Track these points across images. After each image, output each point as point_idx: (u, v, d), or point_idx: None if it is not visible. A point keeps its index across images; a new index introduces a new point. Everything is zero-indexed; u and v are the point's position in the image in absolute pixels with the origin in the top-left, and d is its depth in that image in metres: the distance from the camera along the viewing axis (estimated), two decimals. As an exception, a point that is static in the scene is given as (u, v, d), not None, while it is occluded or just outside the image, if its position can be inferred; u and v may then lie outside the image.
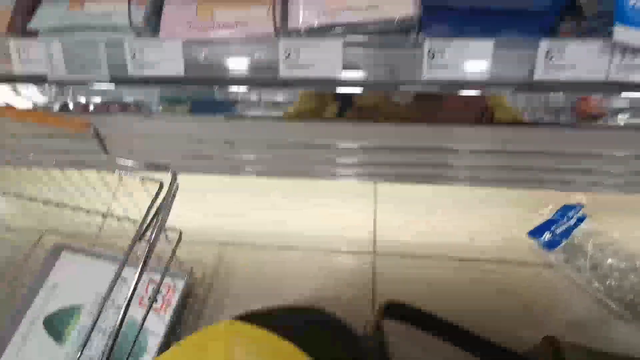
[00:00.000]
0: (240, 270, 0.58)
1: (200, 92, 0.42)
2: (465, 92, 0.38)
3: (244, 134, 0.49)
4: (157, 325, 0.50)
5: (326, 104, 0.44)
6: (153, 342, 0.49)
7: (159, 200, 0.37)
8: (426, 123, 0.44)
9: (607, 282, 0.51)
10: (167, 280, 0.52)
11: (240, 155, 0.54)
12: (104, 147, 0.34)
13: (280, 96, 0.44)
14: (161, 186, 0.35)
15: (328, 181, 0.62)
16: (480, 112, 0.41)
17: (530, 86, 0.37)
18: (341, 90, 0.40)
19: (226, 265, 0.58)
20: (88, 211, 0.46)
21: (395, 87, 0.38)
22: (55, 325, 0.50)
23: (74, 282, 0.53)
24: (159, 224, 0.37)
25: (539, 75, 0.35)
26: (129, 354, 0.46)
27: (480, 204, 0.60)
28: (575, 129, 0.42)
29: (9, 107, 0.38)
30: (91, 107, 0.41)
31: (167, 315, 0.51)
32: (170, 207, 0.38)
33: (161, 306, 0.52)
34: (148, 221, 0.36)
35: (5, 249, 0.54)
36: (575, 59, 0.34)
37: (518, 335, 0.46)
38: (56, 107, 0.41)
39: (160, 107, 0.43)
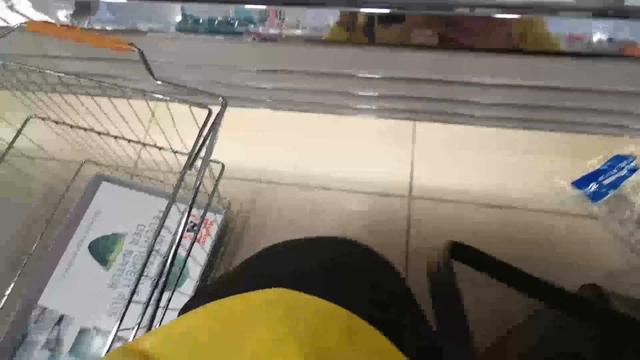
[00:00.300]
0: (274, 208, 0.58)
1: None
2: (509, 16, 0.35)
3: (280, 61, 0.47)
4: (198, 255, 0.51)
5: (358, 30, 0.40)
6: (194, 270, 0.50)
7: (207, 128, 0.36)
8: (468, 51, 0.40)
9: (652, 236, 0.50)
10: (207, 213, 0.53)
11: (278, 88, 0.52)
12: (149, 70, 0.32)
13: (312, 18, 0.41)
14: (210, 113, 0.34)
15: (367, 121, 0.60)
16: (519, 40, 0.37)
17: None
18: (374, 11, 0.36)
19: (261, 202, 0.58)
20: (129, 140, 0.46)
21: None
22: (100, 251, 0.52)
23: (114, 211, 0.54)
24: (206, 152, 0.36)
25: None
26: (178, 278, 0.48)
27: (524, 150, 0.57)
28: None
29: (48, 24, 0.36)
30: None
31: (207, 246, 0.52)
32: (217, 136, 0.37)
33: (200, 237, 0.53)
34: (197, 149, 0.35)
35: (48, 177, 0.54)
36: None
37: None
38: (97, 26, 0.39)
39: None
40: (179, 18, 0.44)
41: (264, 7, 0.40)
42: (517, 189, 0.56)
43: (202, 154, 0.37)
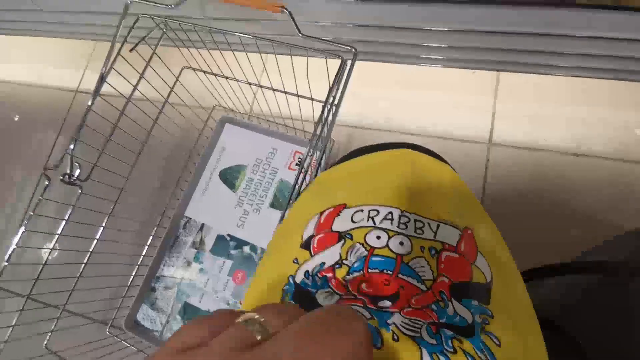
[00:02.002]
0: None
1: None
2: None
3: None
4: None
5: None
6: (301, 196, 0.62)
7: (344, 77, 0.44)
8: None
9: None
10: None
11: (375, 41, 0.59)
12: (297, 26, 0.42)
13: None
14: (343, 63, 0.42)
15: (449, 70, 0.65)
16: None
17: None
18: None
19: (356, 145, 0.68)
20: (260, 86, 0.57)
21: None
22: (228, 178, 0.66)
23: (238, 147, 0.67)
24: (339, 100, 0.45)
25: None
26: (286, 206, 0.60)
27: (609, 101, 0.59)
28: None
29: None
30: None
31: (309, 179, 0.64)
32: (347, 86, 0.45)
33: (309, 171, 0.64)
34: (332, 98, 0.43)
35: (189, 119, 0.68)
36: None
37: (626, 227, 0.51)
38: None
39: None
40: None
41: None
42: (598, 138, 0.59)
43: (332, 100, 0.46)
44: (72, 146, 0.47)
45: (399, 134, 0.66)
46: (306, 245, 0.24)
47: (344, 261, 0.22)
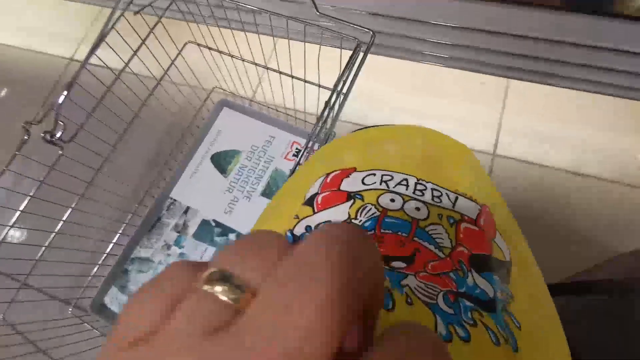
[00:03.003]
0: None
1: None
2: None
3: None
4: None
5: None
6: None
7: (357, 62, 0.42)
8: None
9: None
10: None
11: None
12: (314, 4, 0.40)
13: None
14: (358, 47, 0.41)
15: (461, 74, 0.64)
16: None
17: None
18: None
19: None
20: (267, 68, 0.55)
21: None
22: (220, 162, 0.63)
23: (234, 132, 0.65)
24: (349, 87, 0.43)
25: None
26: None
27: (613, 123, 0.59)
28: None
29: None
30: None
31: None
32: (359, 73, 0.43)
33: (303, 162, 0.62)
34: (342, 83, 0.42)
35: (188, 99, 0.66)
36: None
37: (621, 249, 0.50)
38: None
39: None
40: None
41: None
42: (599, 159, 0.58)
43: (341, 86, 0.44)
44: (60, 101, 0.43)
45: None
46: (309, 202, 0.21)
47: (352, 220, 0.19)
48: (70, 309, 0.58)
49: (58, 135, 0.47)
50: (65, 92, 0.45)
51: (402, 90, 0.69)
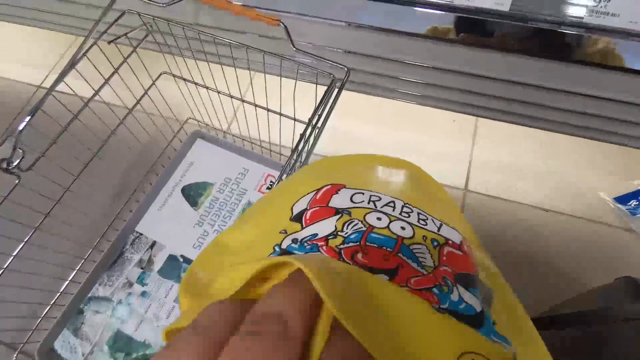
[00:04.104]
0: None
1: None
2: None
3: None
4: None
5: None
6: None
7: (333, 95, 0.42)
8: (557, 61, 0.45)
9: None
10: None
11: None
12: (291, 41, 0.41)
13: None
14: (333, 82, 0.41)
15: (432, 111, 0.66)
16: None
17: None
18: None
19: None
20: (243, 101, 0.54)
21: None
22: (191, 194, 0.61)
23: (207, 164, 0.63)
24: (324, 120, 0.43)
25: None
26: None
27: (579, 161, 0.62)
28: None
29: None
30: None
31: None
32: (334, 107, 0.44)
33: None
34: (317, 117, 0.42)
35: (160, 129, 0.64)
36: None
37: (587, 282, 0.51)
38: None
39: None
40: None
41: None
42: (565, 195, 0.61)
43: (316, 120, 0.44)
44: (20, 127, 0.41)
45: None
46: (297, 218, 0.21)
47: (339, 232, 0.19)
48: (14, 356, 0.52)
49: (15, 163, 0.44)
50: (27, 118, 0.43)
51: (375, 126, 0.70)
